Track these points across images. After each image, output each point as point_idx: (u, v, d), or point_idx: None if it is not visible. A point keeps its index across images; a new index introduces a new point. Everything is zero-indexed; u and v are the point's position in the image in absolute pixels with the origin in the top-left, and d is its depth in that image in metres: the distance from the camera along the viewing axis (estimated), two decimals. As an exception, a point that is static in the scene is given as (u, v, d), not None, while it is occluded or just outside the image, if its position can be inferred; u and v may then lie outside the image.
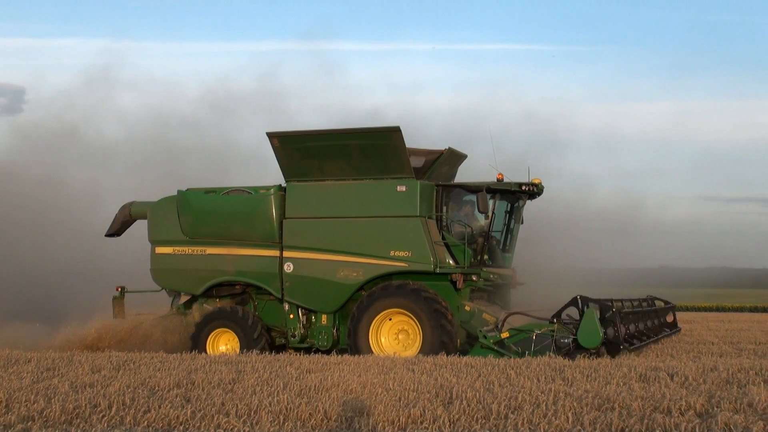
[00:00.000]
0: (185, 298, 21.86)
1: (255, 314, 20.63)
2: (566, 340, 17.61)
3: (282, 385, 12.80)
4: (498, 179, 19.84)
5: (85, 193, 32.25)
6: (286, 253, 20.24)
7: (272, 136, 20.19)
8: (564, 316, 18.00)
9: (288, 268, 20.20)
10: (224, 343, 20.51)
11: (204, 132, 37.16)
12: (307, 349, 20.26)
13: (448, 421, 10.15)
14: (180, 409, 10.76)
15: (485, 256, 19.97)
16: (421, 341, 18.89)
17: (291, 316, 20.51)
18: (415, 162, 19.81)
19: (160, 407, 10.89)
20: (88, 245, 28.32)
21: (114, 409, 10.87)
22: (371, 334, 19.26)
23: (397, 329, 19.38)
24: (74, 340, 21.10)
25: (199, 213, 21.10)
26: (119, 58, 68.62)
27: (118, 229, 22.98)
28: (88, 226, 28.38)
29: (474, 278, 19.59)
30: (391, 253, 19.42)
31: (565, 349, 17.51)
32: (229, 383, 13.25)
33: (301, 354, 18.92)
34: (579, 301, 17.70)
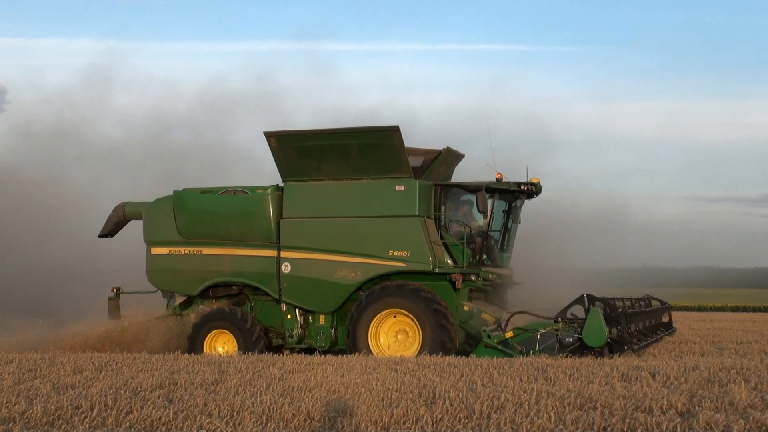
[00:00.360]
0: (181, 299, 21.74)
1: (253, 316, 20.53)
2: (570, 339, 17.52)
3: (265, 386, 12.78)
4: (497, 178, 19.80)
5: (79, 193, 32.09)
6: (283, 254, 20.16)
7: (269, 135, 20.11)
8: (569, 315, 17.88)
9: (285, 268, 20.11)
10: (221, 345, 20.40)
11: (198, 132, 37.09)
12: (305, 350, 20.14)
13: (431, 421, 10.16)
14: (162, 409, 10.73)
15: (484, 256, 19.93)
16: (421, 341, 18.82)
17: (288, 317, 20.42)
18: (413, 161, 19.74)
19: (142, 408, 10.86)
20: (81, 246, 28.18)
21: (96, 410, 10.83)
22: (370, 335, 19.19)
23: (396, 329, 19.31)
24: (70, 340, 20.91)
25: (195, 213, 20.98)
26: (112, 58, 68.42)
27: (111, 230, 22.84)
28: (82, 227, 28.24)
29: (473, 278, 19.56)
30: (390, 253, 19.36)
31: (570, 348, 17.42)
32: (212, 384, 13.23)
33: (284, 354, 18.93)
34: (585, 299, 17.58)
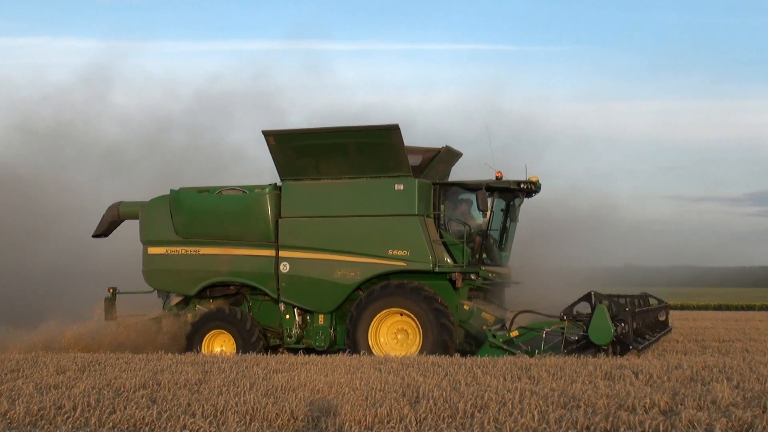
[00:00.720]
0: (177, 299, 21.60)
1: (252, 316, 20.41)
2: (576, 337, 17.48)
3: (249, 386, 12.77)
4: (497, 177, 19.77)
5: (73, 192, 31.90)
6: (282, 253, 20.07)
7: (268, 134, 20.04)
8: (574, 312, 17.83)
9: (284, 268, 20.02)
10: (220, 345, 20.28)
11: (192, 132, 36.85)
12: (303, 350, 19.96)
13: (415, 420, 10.17)
14: (146, 410, 10.71)
15: (483, 255, 19.89)
16: (422, 341, 18.77)
17: (287, 317, 20.35)
18: (412, 160, 19.68)
19: (125, 408, 10.83)
20: (75, 246, 28.02)
21: (79, 410, 10.79)
22: (370, 334, 19.12)
23: (396, 329, 19.26)
24: (66, 341, 20.73)
25: (192, 213, 20.87)
26: (106, 58, 67.91)
27: (105, 230, 22.67)
28: (76, 227, 28.10)
29: (473, 277, 19.51)
30: (389, 252, 19.30)
31: (575, 346, 17.41)
32: (196, 384, 13.20)
33: (268, 354, 18.90)
34: (592, 297, 17.53)
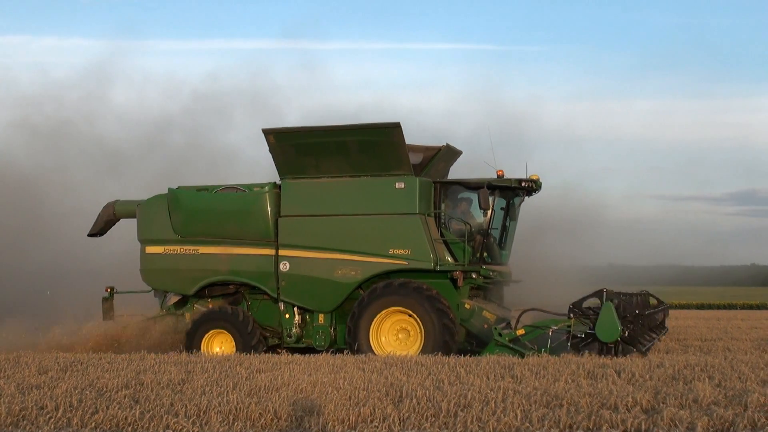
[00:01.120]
0: (175, 299, 21.44)
1: (252, 316, 20.26)
2: (582, 335, 17.44)
3: (232, 385, 12.75)
4: (498, 175, 19.72)
5: (71, 191, 31.69)
6: (281, 252, 19.96)
7: (268, 132, 19.95)
8: (583, 307, 17.78)
9: (284, 267, 19.92)
10: (219, 345, 20.12)
11: (189, 131, 36.62)
12: (303, 350, 19.99)
13: (398, 419, 10.18)
14: (128, 410, 10.68)
15: (484, 254, 19.82)
16: (423, 340, 18.70)
17: (287, 316, 20.22)
18: (413, 158, 19.60)
19: (108, 408, 10.79)
20: (72, 245, 27.86)
21: (61, 410, 10.76)
22: (372, 333, 19.03)
23: (397, 328, 19.19)
24: (64, 341, 20.57)
25: (191, 211, 20.74)
26: (103, 57, 67.47)
27: (101, 229, 22.52)
28: (74, 226, 27.93)
29: (474, 276, 19.45)
30: (390, 251, 19.23)
31: (582, 345, 17.37)
32: (179, 383, 13.18)
33: (251, 354, 18.87)
34: (604, 294, 17.45)
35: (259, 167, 24.98)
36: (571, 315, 17.65)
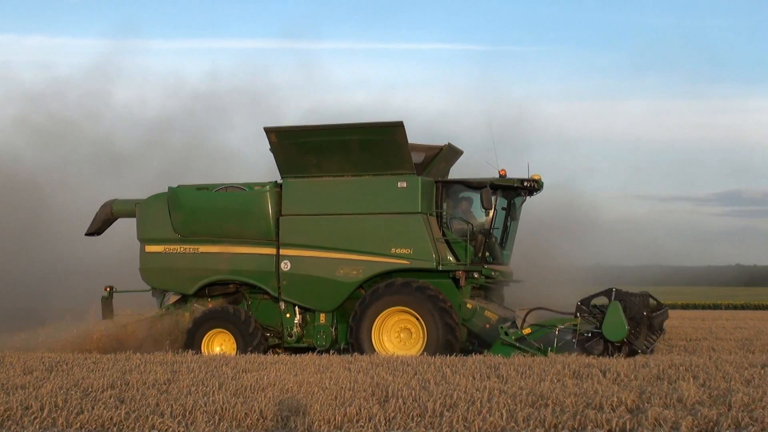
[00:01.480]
0: (174, 298, 21.33)
1: (252, 315, 20.15)
2: (588, 334, 17.45)
3: (217, 385, 12.74)
4: (501, 175, 19.70)
5: (69, 191, 31.57)
6: (283, 251, 19.90)
7: (270, 131, 19.91)
8: (591, 305, 17.80)
9: (285, 266, 19.86)
10: (219, 344, 20.00)
11: (187, 131, 36.50)
12: (303, 349, 19.89)
13: (384, 419, 10.19)
14: (114, 410, 10.66)
15: (486, 253, 19.79)
16: (426, 340, 18.66)
17: (287, 316, 20.13)
18: (415, 158, 19.57)
19: (93, 408, 10.77)
20: (65, 244, 27.75)
21: (46, 410, 10.73)
22: (374, 333, 18.98)
23: (399, 328, 19.13)
24: (63, 341, 20.47)
25: (191, 210, 20.66)
26: (99, 57, 67.21)
27: (98, 228, 22.39)
28: (70, 225, 27.83)
29: (476, 275, 19.41)
30: (392, 250, 19.21)
31: (588, 344, 17.38)
32: (164, 383, 13.16)
33: (238, 354, 18.86)
34: (613, 293, 17.49)
35: (256, 166, 24.92)
36: (578, 314, 17.67)
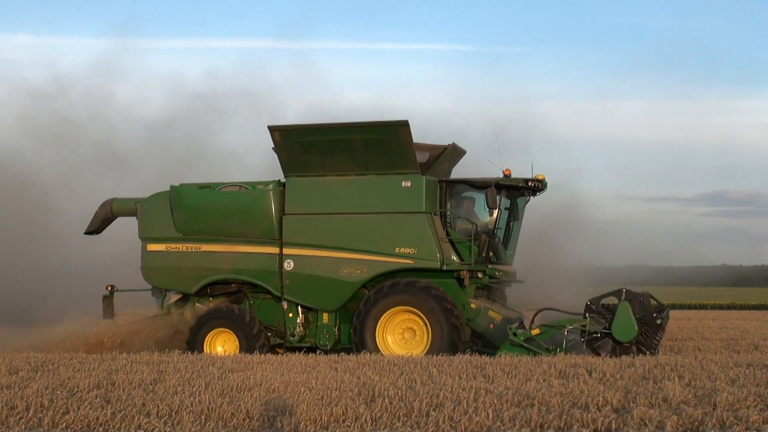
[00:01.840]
0: (176, 298, 21.15)
1: (257, 317, 20.00)
2: (597, 334, 17.47)
3: (204, 385, 12.73)
4: (505, 175, 19.63)
5: (64, 189, 31.50)
6: (286, 250, 19.79)
7: (274, 129, 19.81)
8: (601, 304, 17.82)
9: (288, 265, 19.77)
10: (221, 344, 19.85)
11: (185, 130, 36.45)
12: (306, 349, 19.72)
13: (371, 419, 10.21)
14: (100, 410, 10.64)
15: (490, 253, 19.76)
16: (430, 340, 18.60)
17: (290, 315, 20.02)
18: (419, 157, 19.49)
19: (79, 408, 10.75)
20: (64, 244, 27.65)
21: (32, 410, 10.70)
22: (378, 332, 18.91)
23: (403, 327, 19.07)
24: (62, 341, 20.33)
25: (193, 209, 20.53)
26: (98, 56, 66.97)
27: (98, 227, 22.19)
28: (67, 224, 27.74)
29: (480, 275, 19.37)
30: (396, 250, 19.13)
31: (596, 344, 17.40)
32: (151, 383, 13.13)
33: (224, 353, 18.82)
34: (623, 293, 17.52)
35: (253, 166, 24.81)
36: (587, 314, 17.69)
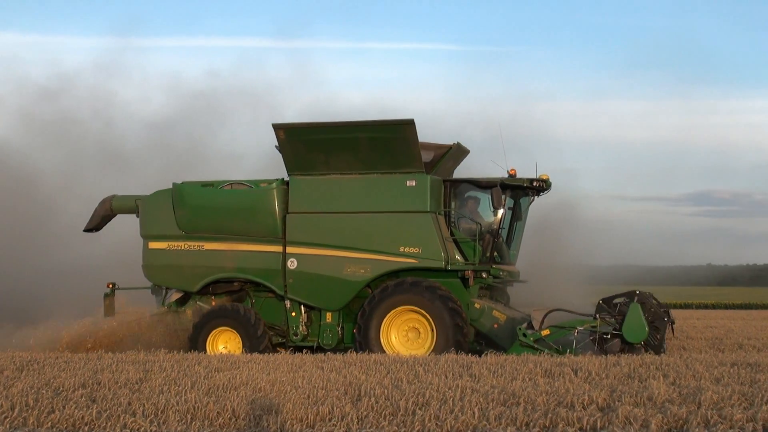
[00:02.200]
0: (177, 296, 21.05)
1: (260, 316, 19.93)
2: (607, 335, 17.49)
3: (190, 384, 12.71)
4: (510, 174, 19.64)
5: (63, 187, 31.37)
6: (289, 249, 19.74)
7: (278, 128, 19.75)
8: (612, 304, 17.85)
9: (292, 264, 19.72)
10: (223, 343, 19.78)
11: (182, 130, 36.35)
12: (309, 348, 19.73)
13: (356, 418, 10.21)
14: (85, 409, 10.62)
15: (494, 253, 19.75)
16: (435, 340, 18.57)
17: (293, 314, 19.97)
18: (424, 156, 19.47)
19: (64, 408, 10.73)
20: (64, 242, 27.54)
21: (17, 410, 10.67)
22: (382, 332, 18.88)
23: (407, 327, 19.04)
24: (63, 340, 20.26)
25: (196, 207, 20.48)
26: (97, 55, 66.71)
27: (97, 224, 22.15)
28: (64, 223, 27.62)
29: (484, 275, 19.37)
30: (401, 249, 19.13)
31: (607, 345, 17.42)
32: (136, 383, 13.11)
33: (210, 353, 18.80)
34: (636, 296, 17.59)
35: (250, 164, 24.74)
36: (597, 315, 17.73)
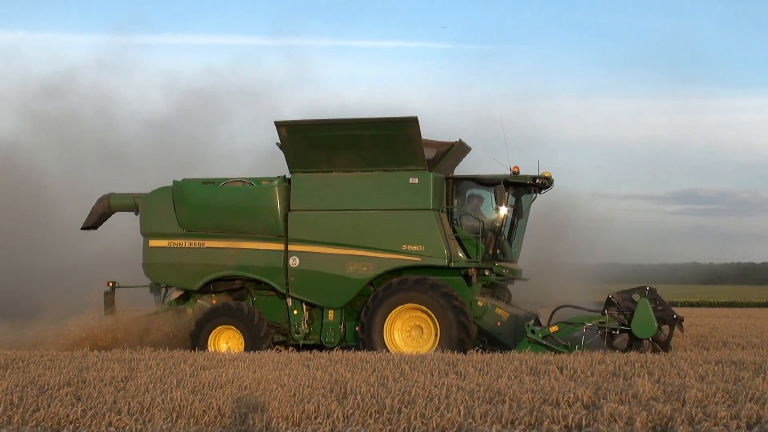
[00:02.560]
0: (177, 294, 20.97)
1: (262, 315, 19.83)
2: (616, 331, 17.50)
3: (175, 382, 12.69)
4: (513, 172, 19.58)
5: (63, 185, 31.27)
6: (291, 247, 19.69)
7: (280, 125, 19.70)
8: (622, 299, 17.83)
9: (294, 262, 19.67)
10: (225, 341, 19.66)
11: (181, 129, 36.25)
12: (311, 346, 19.67)
13: (342, 416, 10.22)
14: (70, 407, 10.59)
15: (497, 251, 19.74)
16: (439, 338, 18.56)
17: (295, 312, 19.92)
18: (426, 153, 19.43)
19: (49, 406, 10.69)
20: (63, 241, 27.45)
21: (1, 408, 10.63)
22: (386, 330, 18.84)
23: (410, 325, 19.00)
24: (63, 338, 20.18)
25: (197, 205, 20.40)
26: (96, 54, 66.46)
27: (95, 222, 22.03)
28: (62, 220, 27.51)
29: (487, 273, 19.33)
30: (403, 247, 19.10)
31: (615, 341, 17.42)
32: (122, 381, 13.08)
33: (195, 351, 18.75)
34: (647, 291, 17.54)
35: (249, 163, 24.70)
36: (605, 311, 17.72)
